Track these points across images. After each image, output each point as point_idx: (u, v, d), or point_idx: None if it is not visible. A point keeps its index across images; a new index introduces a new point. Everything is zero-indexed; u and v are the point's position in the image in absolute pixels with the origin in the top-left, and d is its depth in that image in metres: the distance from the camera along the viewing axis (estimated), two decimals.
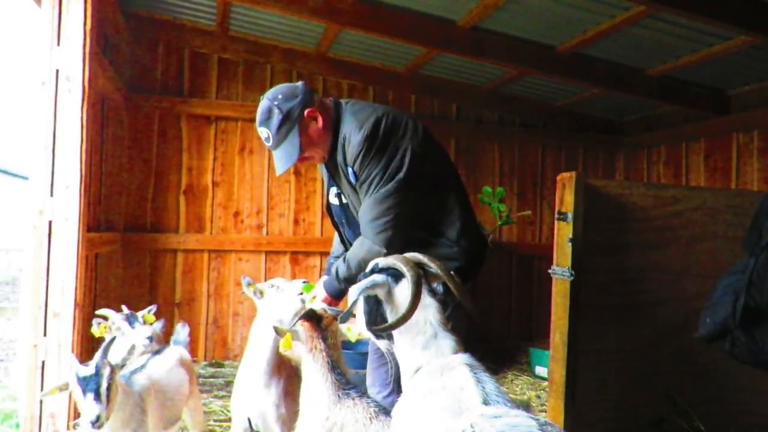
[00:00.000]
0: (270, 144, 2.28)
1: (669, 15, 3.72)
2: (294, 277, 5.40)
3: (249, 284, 2.65)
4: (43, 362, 3.05)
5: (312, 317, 2.17)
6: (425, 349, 1.66)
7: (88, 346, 3.47)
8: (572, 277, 2.58)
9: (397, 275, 1.71)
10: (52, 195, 3.11)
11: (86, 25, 3.17)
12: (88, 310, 3.75)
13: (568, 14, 3.97)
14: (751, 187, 4.95)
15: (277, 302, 2.64)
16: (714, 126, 5.32)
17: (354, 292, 1.69)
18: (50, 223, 3.10)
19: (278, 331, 2.13)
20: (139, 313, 2.89)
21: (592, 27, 4.11)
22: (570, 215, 2.60)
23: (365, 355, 2.69)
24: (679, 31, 4.01)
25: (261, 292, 2.66)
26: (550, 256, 2.72)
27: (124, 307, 2.93)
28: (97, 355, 2.09)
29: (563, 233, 2.64)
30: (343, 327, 2.11)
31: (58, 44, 3.14)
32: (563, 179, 2.66)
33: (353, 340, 2.12)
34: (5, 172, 17.94)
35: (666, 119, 5.94)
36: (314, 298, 2.47)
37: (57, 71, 3.13)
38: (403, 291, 1.68)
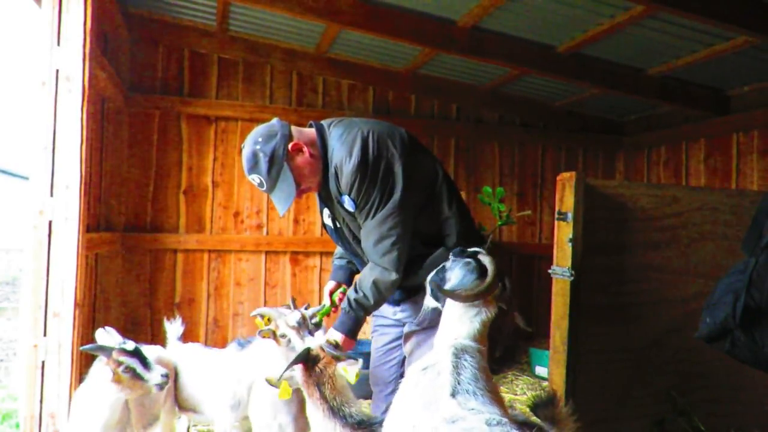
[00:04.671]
0: (264, 188, 2.22)
1: (669, 15, 3.72)
2: (294, 277, 5.41)
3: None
4: (43, 362, 3.05)
5: (307, 360, 1.99)
6: (462, 323, 1.86)
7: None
8: (572, 277, 2.58)
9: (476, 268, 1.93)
10: (52, 195, 3.11)
11: (86, 25, 3.17)
12: (88, 310, 3.75)
13: (568, 14, 3.97)
14: (751, 187, 4.95)
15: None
16: (714, 126, 5.32)
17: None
18: (50, 223, 3.09)
19: (271, 383, 1.99)
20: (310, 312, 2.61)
21: (592, 27, 4.11)
22: (570, 215, 2.60)
23: (367, 354, 2.69)
24: (679, 31, 4.01)
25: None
26: (550, 256, 2.72)
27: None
28: None
29: (563, 233, 2.64)
30: (339, 367, 1.97)
31: (58, 44, 3.13)
32: (563, 179, 2.66)
33: (352, 381, 1.97)
34: (5, 172, 17.93)
35: (666, 119, 5.94)
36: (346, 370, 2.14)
37: (57, 71, 3.12)
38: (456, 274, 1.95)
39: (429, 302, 2.06)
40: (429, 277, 2.04)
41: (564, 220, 2.63)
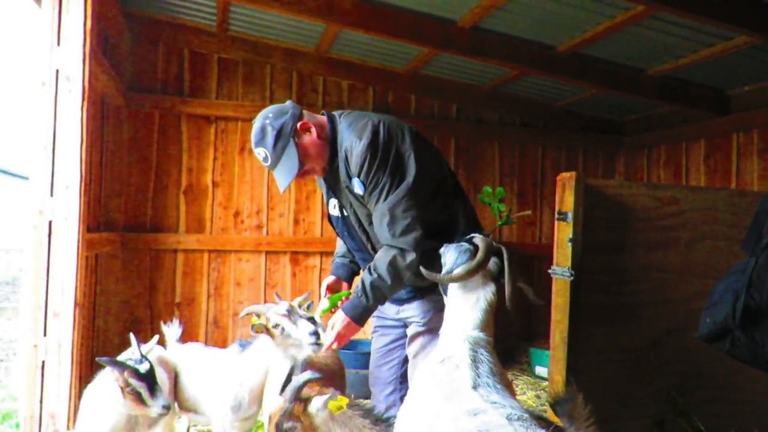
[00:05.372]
0: (269, 164, 2.25)
1: (669, 15, 3.72)
2: (294, 277, 5.40)
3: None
4: (43, 362, 3.05)
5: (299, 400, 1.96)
6: (465, 314, 1.90)
7: (88, 346, 3.47)
8: (572, 277, 2.58)
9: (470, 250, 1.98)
10: (52, 195, 3.11)
11: (86, 25, 3.17)
12: (88, 310, 3.75)
13: (568, 14, 3.97)
14: (751, 187, 4.95)
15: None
16: (714, 126, 5.32)
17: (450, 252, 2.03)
18: (50, 223, 3.10)
19: None
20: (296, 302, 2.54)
21: (592, 27, 4.11)
22: (570, 215, 2.60)
23: (366, 354, 2.69)
24: (679, 31, 4.01)
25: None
26: (550, 256, 2.72)
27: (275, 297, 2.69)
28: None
29: (563, 233, 2.64)
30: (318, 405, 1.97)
31: (58, 44, 3.14)
32: (563, 179, 2.66)
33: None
34: (5, 172, 17.93)
35: (666, 119, 5.94)
36: (324, 311, 2.31)
37: (57, 71, 3.13)
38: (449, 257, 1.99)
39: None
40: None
41: (564, 220, 2.63)
